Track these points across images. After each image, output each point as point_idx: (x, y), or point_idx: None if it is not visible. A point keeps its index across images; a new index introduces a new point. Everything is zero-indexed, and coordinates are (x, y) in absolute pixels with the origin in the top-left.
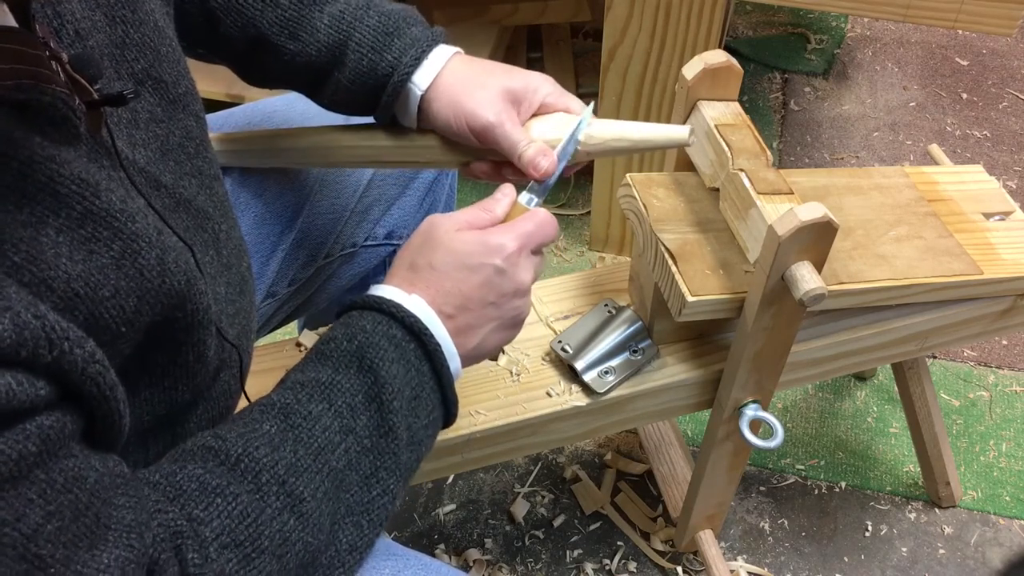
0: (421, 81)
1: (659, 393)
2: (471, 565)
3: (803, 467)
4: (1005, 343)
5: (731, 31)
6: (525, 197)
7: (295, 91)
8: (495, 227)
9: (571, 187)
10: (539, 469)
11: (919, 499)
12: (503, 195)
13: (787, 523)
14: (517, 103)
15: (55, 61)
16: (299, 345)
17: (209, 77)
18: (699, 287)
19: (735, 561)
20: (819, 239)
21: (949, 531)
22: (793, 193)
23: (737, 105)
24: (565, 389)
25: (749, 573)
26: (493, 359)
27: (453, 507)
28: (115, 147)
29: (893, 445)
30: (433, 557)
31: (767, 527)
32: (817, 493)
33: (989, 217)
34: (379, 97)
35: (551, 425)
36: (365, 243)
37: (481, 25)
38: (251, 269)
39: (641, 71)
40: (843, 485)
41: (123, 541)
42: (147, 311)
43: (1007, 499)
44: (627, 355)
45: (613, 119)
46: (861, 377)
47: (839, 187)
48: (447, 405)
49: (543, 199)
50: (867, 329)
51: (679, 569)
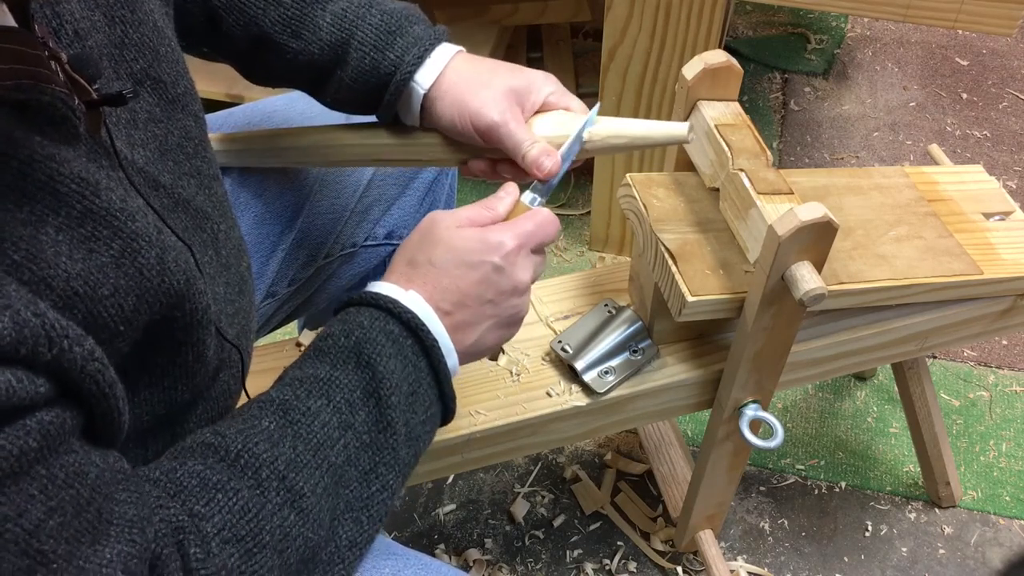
0: (424, 80)
1: (659, 393)
2: (471, 565)
3: (803, 467)
4: (1005, 343)
5: (731, 31)
6: (528, 196)
7: (298, 89)
8: (495, 225)
9: (571, 187)
10: (539, 469)
11: (919, 499)
12: (506, 194)
13: (787, 523)
14: (521, 102)
15: (54, 61)
16: (299, 345)
17: (209, 77)
18: (699, 287)
19: (735, 561)
20: (819, 239)
21: (949, 531)
22: (793, 193)
23: (737, 105)
24: (565, 389)
25: (749, 573)
26: (493, 359)
27: (453, 507)
28: (114, 147)
29: (893, 445)
30: (433, 557)
31: (767, 527)
32: (817, 493)
33: (989, 217)
34: (382, 96)
35: (551, 425)
36: (365, 243)
37: (481, 25)
38: (251, 269)
39: (641, 71)
40: (843, 485)
41: (125, 536)
42: (146, 310)
43: (1007, 499)
44: (627, 355)
45: (613, 117)
46: (861, 377)
47: (839, 187)
48: (445, 401)
49: (546, 199)
50: (867, 329)
51: (679, 569)
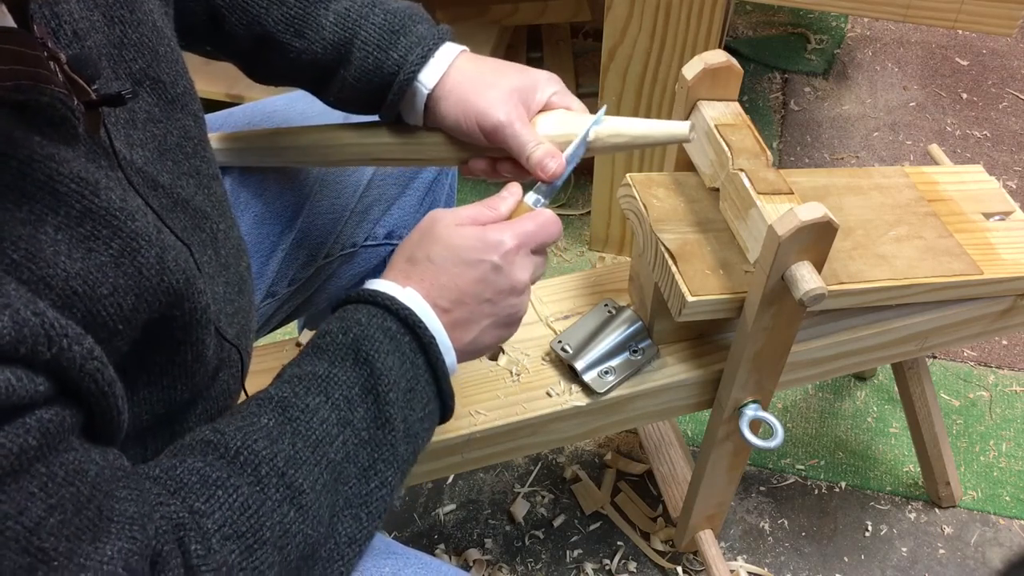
0: (428, 79)
1: (659, 393)
2: (471, 565)
3: (803, 467)
4: (1005, 343)
5: (731, 31)
6: (531, 197)
7: (301, 88)
8: (495, 224)
9: (571, 187)
10: (539, 469)
11: (919, 499)
12: (509, 194)
13: (787, 523)
14: (526, 102)
15: (53, 61)
16: (299, 345)
17: (209, 77)
18: (699, 287)
19: (735, 561)
20: (819, 239)
21: (949, 531)
22: (793, 193)
23: (737, 105)
24: (565, 389)
25: (749, 573)
26: (492, 358)
27: (453, 507)
28: (113, 147)
29: (893, 445)
30: (433, 557)
31: (767, 527)
32: (817, 493)
33: (989, 217)
34: (385, 95)
35: (551, 425)
36: (365, 243)
37: (481, 25)
38: (250, 269)
39: (641, 71)
40: (843, 485)
41: (126, 533)
42: (145, 309)
43: (1007, 499)
44: (627, 355)
45: (613, 116)
46: (861, 377)
47: (839, 187)
48: (443, 398)
49: (549, 200)
50: (867, 329)
51: (679, 569)
